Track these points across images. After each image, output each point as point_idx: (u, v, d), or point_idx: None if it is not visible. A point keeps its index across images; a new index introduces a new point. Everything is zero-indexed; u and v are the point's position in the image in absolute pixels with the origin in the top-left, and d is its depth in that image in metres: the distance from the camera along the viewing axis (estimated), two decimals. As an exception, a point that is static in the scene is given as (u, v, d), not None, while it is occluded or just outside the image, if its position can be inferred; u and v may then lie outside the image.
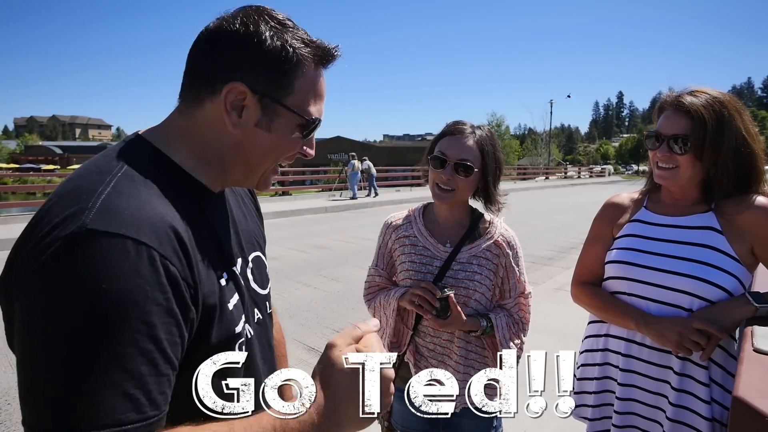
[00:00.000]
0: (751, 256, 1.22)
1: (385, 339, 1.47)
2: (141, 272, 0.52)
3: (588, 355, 1.46)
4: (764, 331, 1.05)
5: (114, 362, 0.49)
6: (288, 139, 0.71)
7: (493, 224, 1.48)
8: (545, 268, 6.49)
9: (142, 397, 0.50)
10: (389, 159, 29.30)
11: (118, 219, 0.53)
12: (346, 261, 6.88)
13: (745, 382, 0.83)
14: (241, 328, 0.70)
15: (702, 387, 1.19)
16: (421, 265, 1.43)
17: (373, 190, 16.73)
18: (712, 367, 1.21)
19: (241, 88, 0.65)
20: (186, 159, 0.69)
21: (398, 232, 1.50)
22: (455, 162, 1.36)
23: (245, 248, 0.81)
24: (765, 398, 0.77)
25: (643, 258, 1.30)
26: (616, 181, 35.55)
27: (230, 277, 0.70)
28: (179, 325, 0.55)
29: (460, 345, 1.42)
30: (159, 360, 0.52)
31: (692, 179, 1.26)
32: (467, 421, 1.45)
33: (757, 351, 0.96)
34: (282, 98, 0.68)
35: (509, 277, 1.45)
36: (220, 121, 0.68)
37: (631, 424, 1.33)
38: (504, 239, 1.45)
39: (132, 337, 0.50)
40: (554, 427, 2.58)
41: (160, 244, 0.55)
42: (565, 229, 10.04)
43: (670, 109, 1.27)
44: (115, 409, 0.48)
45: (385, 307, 1.44)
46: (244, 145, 0.70)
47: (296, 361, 3.56)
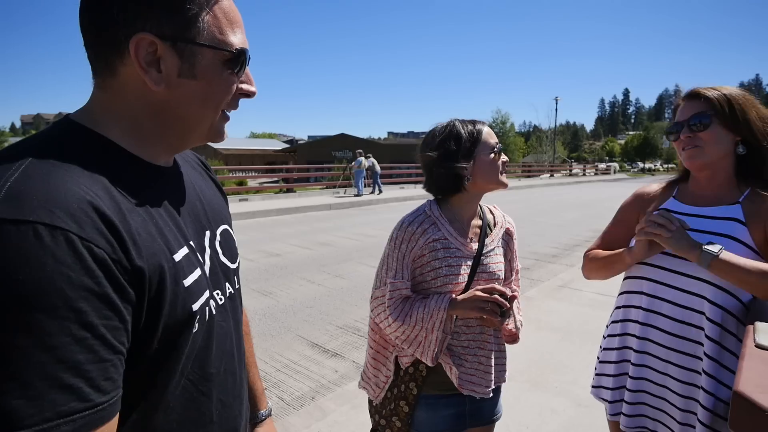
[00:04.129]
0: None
1: (429, 351, 1.35)
2: (60, 258, 0.48)
3: (610, 340, 1.50)
4: (766, 327, 1.05)
5: (46, 353, 0.46)
6: (219, 80, 0.66)
7: (496, 214, 1.56)
8: (549, 265, 6.48)
9: (84, 386, 0.48)
10: (393, 156, 29.22)
11: (26, 205, 0.49)
12: (350, 258, 6.90)
13: (746, 377, 0.83)
14: (200, 305, 0.66)
15: (705, 376, 1.20)
16: (457, 267, 1.39)
17: (377, 187, 16.74)
18: (722, 355, 1.21)
19: (149, 38, 0.60)
20: (120, 134, 0.64)
21: (426, 237, 1.39)
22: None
23: (212, 221, 0.78)
24: (765, 393, 0.78)
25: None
26: (621, 178, 35.38)
27: (190, 253, 0.67)
28: (117, 309, 0.52)
29: (490, 333, 1.46)
30: (98, 346, 0.50)
31: (719, 153, 1.28)
32: (488, 402, 1.50)
33: (758, 347, 0.96)
34: (195, 37, 0.63)
35: (514, 258, 1.56)
36: (139, 84, 0.62)
37: (641, 401, 1.38)
38: (511, 225, 1.57)
39: (62, 326, 0.47)
40: (558, 423, 2.58)
41: (80, 226, 0.50)
42: (569, 227, 10.01)
43: (684, 101, 1.34)
44: (56, 401, 0.46)
45: (426, 320, 1.33)
46: (174, 102, 0.65)
47: (299, 357, 3.59)
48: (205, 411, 0.71)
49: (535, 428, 2.53)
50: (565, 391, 2.89)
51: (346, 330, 4.14)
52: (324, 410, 2.70)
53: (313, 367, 3.42)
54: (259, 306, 4.71)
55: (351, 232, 9.12)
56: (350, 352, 3.68)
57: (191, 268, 0.66)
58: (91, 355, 0.49)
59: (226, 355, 0.75)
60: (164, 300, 0.59)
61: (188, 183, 0.77)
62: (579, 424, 2.55)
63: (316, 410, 2.71)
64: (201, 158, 0.93)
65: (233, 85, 0.68)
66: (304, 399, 2.98)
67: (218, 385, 0.73)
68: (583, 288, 4.95)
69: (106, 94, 0.65)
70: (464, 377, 1.43)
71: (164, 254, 0.61)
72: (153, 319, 0.58)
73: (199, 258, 0.70)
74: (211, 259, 0.75)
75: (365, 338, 3.95)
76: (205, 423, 0.71)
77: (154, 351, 0.60)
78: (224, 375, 0.75)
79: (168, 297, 0.60)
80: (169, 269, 0.60)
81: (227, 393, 0.76)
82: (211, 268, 0.74)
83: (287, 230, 9.35)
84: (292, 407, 2.87)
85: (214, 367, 0.72)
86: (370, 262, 6.54)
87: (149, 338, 0.59)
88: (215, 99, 0.67)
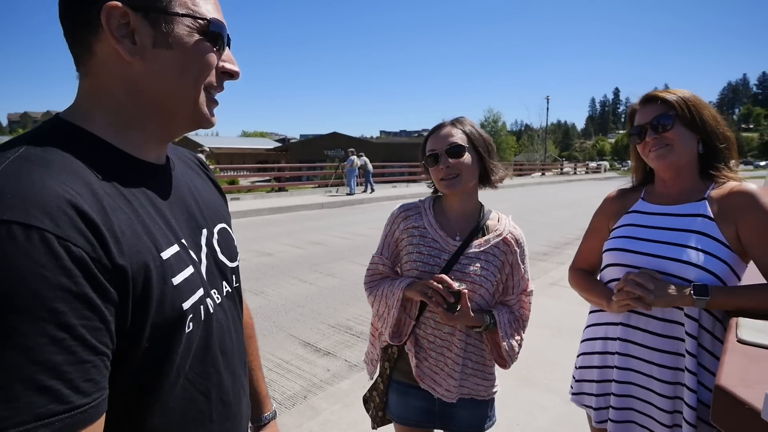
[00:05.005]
0: (739, 243, 1.24)
1: (387, 328, 1.46)
2: (34, 257, 0.47)
3: (589, 344, 1.50)
4: (748, 322, 1.07)
5: (21, 355, 0.45)
6: (195, 49, 0.65)
7: (501, 221, 1.49)
8: (540, 263, 6.53)
9: (63, 388, 0.47)
10: (386, 155, 29.24)
11: (1, 204, 0.48)
12: (342, 257, 6.89)
13: (728, 372, 0.85)
14: (192, 304, 0.65)
15: (689, 375, 1.22)
16: (429, 257, 1.43)
17: (369, 186, 16.73)
18: (701, 354, 1.23)
19: (119, 6, 0.59)
20: (104, 127, 0.64)
21: (407, 222, 1.50)
22: (445, 149, 1.40)
23: (209, 219, 0.77)
24: (746, 387, 0.79)
25: (638, 245, 1.35)
26: (611, 177, 35.67)
27: (181, 251, 0.66)
28: (97, 309, 0.51)
29: (460, 338, 1.43)
30: (77, 347, 0.49)
31: (687, 153, 1.31)
32: (462, 411, 1.48)
33: (740, 342, 0.98)
34: (168, 6, 0.62)
35: (514, 274, 1.46)
36: (116, 58, 0.62)
37: (629, 406, 1.38)
38: (512, 236, 1.46)
39: (38, 327, 0.46)
40: (548, 419, 2.61)
41: (57, 225, 0.49)
42: (560, 225, 10.08)
43: (640, 106, 1.39)
44: (32, 404, 0.45)
45: (389, 296, 1.44)
46: (153, 74, 0.63)
47: (291, 356, 3.58)
48: (204, 410, 0.70)
49: (526, 425, 2.55)
50: (555, 388, 2.92)
51: (337, 329, 4.13)
52: (316, 409, 2.70)
53: (304, 366, 3.42)
54: (250, 305, 4.66)
55: (343, 231, 9.11)
56: (342, 351, 3.68)
57: (182, 266, 0.65)
58: (69, 356, 0.48)
59: (226, 354, 0.75)
60: (151, 299, 0.58)
61: (182, 181, 0.76)
62: (569, 420, 2.58)
63: (307, 409, 2.71)
64: (199, 158, 0.92)
65: (212, 59, 0.67)
66: (295, 398, 2.97)
67: (218, 384, 0.73)
68: (574, 286, 4.98)
69: (87, 81, 0.65)
70: (426, 371, 1.46)
71: (150, 252, 0.60)
72: (140, 319, 0.57)
73: (192, 256, 0.69)
74: (208, 257, 0.74)
75: (357, 337, 3.96)
76: (204, 422, 0.71)
77: (145, 351, 0.59)
78: (224, 374, 0.74)
79: (155, 295, 0.59)
80: (155, 267, 0.59)
81: (227, 392, 0.75)
82: (207, 267, 0.73)
83: (279, 229, 9.32)
84: (284, 406, 2.87)
85: (213, 367, 0.71)
86: (362, 261, 6.53)
87: (138, 338, 0.58)
88: (193, 70, 0.66)
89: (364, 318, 4.29)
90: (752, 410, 0.73)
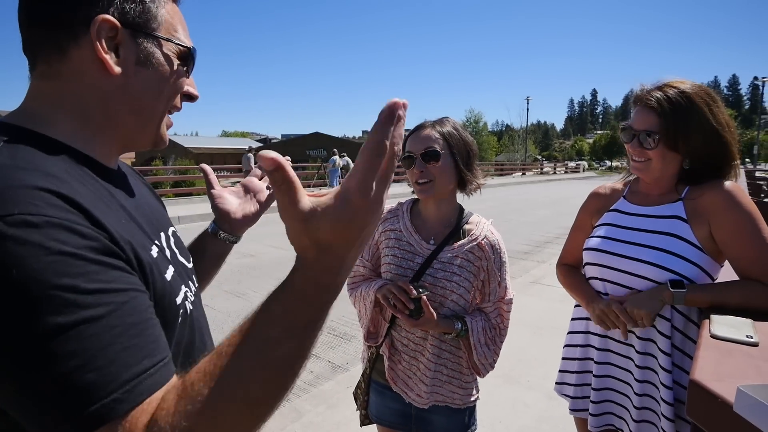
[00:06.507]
0: (713, 243, 1.25)
1: (364, 328, 1.50)
2: (62, 239, 0.46)
3: (572, 337, 1.54)
4: (721, 318, 1.10)
5: (103, 326, 0.46)
6: (172, 72, 0.67)
7: (479, 225, 1.45)
8: (521, 262, 6.60)
9: (147, 345, 0.49)
10: (368, 155, 29.20)
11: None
12: (325, 257, 6.85)
13: (701, 366, 0.87)
14: (181, 300, 0.66)
15: (662, 371, 1.25)
16: (403, 260, 1.43)
17: (351, 186, 16.67)
18: (674, 352, 1.27)
19: (111, 21, 0.60)
20: (69, 132, 0.61)
21: (384, 225, 1.50)
22: (421, 153, 1.37)
23: (161, 224, 0.77)
24: (719, 381, 0.82)
25: (614, 246, 1.37)
26: (590, 176, 36.39)
27: (159, 251, 0.66)
28: (134, 279, 0.53)
29: (433, 344, 1.41)
30: (138, 308, 0.51)
31: (665, 171, 1.32)
32: (438, 417, 1.47)
33: (713, 337, 1.01)
34: (155, 29, 0.65)
35: (490, 280, 1.42)
36: (95, 68, 0.61)
37: (606, 398, 1.42)
38: (488, 242, 1.42)
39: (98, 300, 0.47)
40: (530, 416, 2.64)
41: (65, 215, 0.48)
42: (541, 224, 10.23)
43: (640, 104, 1.33)
44: (128, 363, 0.46)
45: (365, 297, 1.45)
46: (130, 89, 0.64)
47: (275, 358, 3.54)
48: None
49: (509, 422, 2.58)
50: (537, 385, 2.96)
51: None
52: (299, 411, 2.68)
53: (288, 369, 3.39)
54: (231, 308, 4.63)
55: (326, 232, 9.06)
56: (325, 352, 3.66)
57: (165, 263, 0.65)
58: (136, 317, 0.50)
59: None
60: (155, 292, 0.59)
61: (135, 186, 0.75)
62: (550, 416, 2.62)
63: (291, 411, 2.69)
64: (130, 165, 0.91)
65: (183, 83, 0.71)
66: (279, 401, 2.95)
67: None
68: (554, 284, 5.05)
69: (51, 83, 0.62)
70: (399, 374, 1.47)
71: (144, 248, 0.60)
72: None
73: (167, 256, 0.69)
74: (172, 258, 0.74)
75: (340, 338, 3.94)
76: None
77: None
78: None
79: (158, 288, 0.60)
80: (152, 262, 0.60)
81: None
82: (176, 267, 0.73)
83: (260, 230, 9.15)
84: (267, 409, 2.84)
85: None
86: (345, 261, 6.50)
87: None
88: (166, 91, 0.68)
89: (347, 319, 4.28)
90: (725, 403, 0.75)
